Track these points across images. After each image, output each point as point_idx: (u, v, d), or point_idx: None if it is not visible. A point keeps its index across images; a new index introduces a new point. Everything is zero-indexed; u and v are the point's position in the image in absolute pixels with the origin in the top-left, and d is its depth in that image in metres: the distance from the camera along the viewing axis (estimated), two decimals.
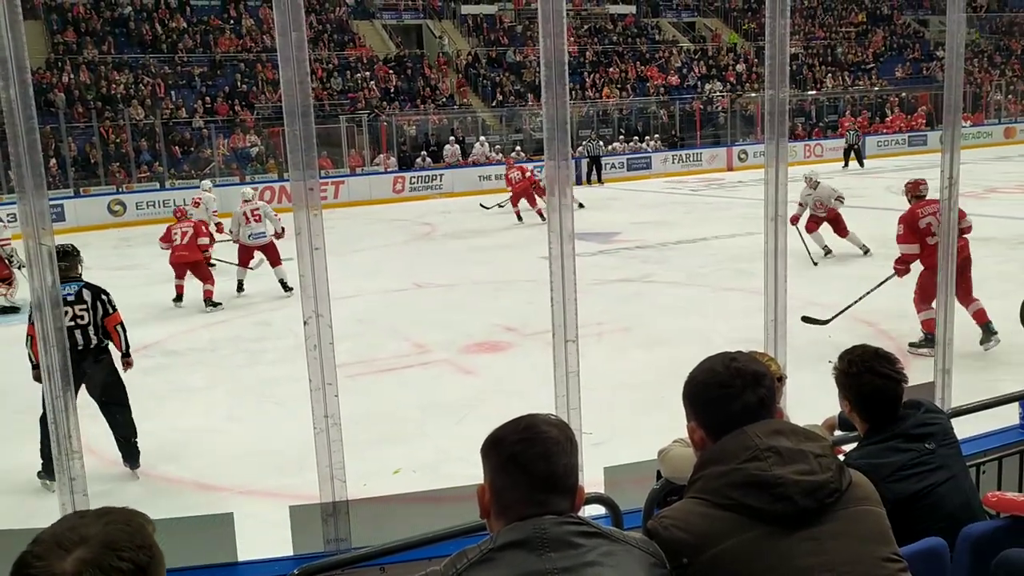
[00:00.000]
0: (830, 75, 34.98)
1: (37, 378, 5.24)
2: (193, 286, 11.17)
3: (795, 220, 11.56)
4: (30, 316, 5.39)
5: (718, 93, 32.26)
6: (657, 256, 13.18)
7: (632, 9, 35.48)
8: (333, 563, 2.43)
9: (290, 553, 2.96)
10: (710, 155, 28.69)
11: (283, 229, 11.84)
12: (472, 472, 1.65)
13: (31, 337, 5.42)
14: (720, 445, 1.66)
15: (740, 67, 33.98)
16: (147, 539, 1.22)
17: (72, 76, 24.67)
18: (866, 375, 2.31)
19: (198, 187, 16.86)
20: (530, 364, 7.48)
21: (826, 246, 12.10)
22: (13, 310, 11.07)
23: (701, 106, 31.09)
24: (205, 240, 11.63)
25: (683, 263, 12.51)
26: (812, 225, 12.15)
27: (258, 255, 11.81)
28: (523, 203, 17.67)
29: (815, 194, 12.05)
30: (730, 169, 28.05)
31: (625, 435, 5.60)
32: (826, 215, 12.11)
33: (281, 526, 3.17)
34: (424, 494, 3.27)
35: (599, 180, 25.42)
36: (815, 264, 11.68)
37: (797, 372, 3.66)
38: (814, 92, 33.61)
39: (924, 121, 32.08)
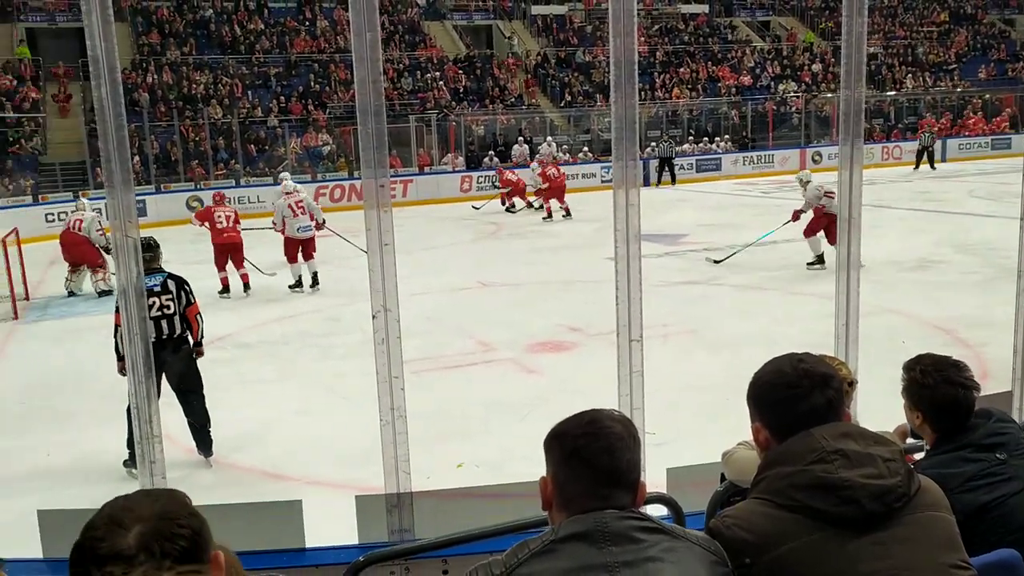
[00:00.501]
0: (910, 75, 33.99)
1: (122, 371, 5.42)
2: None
3: (796, 216, 11.96)
4: (117, 305, 5.63)
5: (792, 93, 31.65)
6: (725, 259, 13.00)
7: (705, 8, 35.06)
8: (397, 552, 2.48)
9: (355, 542, 3.03)
10: (782, 157, 28.16)
11: (324, 220, 12.14)
12: (535, 471, 1.67)
13: (119, 327, 5.61)
14: (785, 446, 1.64)
15: (816, 67, 33.26)
16: (193, 507, 1.29)
17: (155, 76, 25.49)
18: (942, 385, 2.25)
19: (276, 184, 17.27)
20: (594, 364, 7.46)
21: (821, 255, 11.63)
22: (108, 293, 11.50)
23: (774, 107, 30.54)
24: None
25: (752, 266, 12.31)
26: (811, 229, 11.79)
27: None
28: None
29: (805, 196, 11.89)
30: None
31: (689, 437, 5.56)
32: (824, 216, 11.44)
33: (346, 517, 3.24)
34: (487, 489, 3.31)
35: (672, 181, 25.21)
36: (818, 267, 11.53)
37: (869, 378, 3.59)
38: (893, 93, 32.71)
39: (1008, 124, 30.93)
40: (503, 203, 20.65)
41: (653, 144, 26.93)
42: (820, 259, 11.70)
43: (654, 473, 3.09)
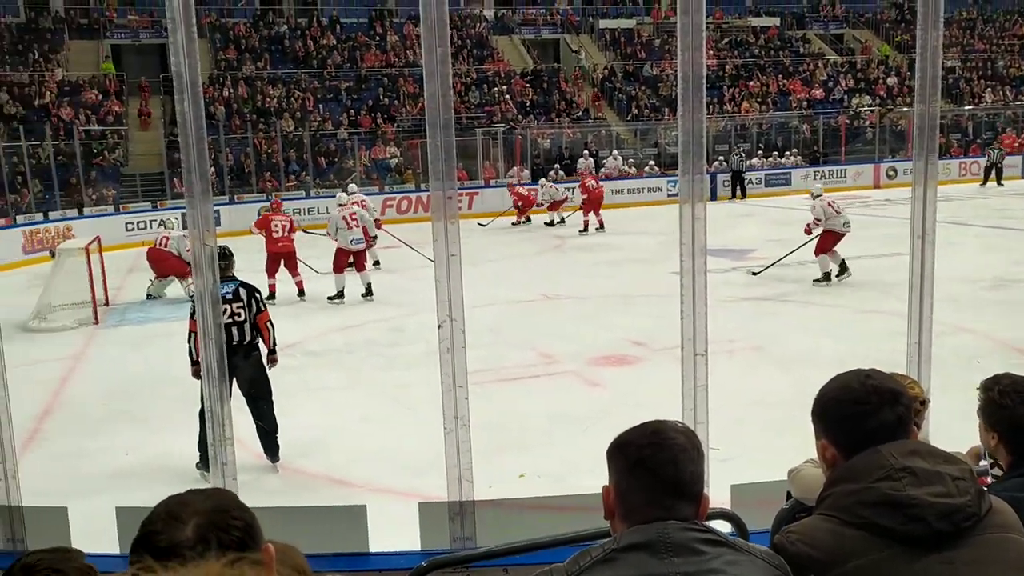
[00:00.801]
0: (989, 89, 32.96)
1: (196, 375, 5.57)
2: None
3: (808, 230, 12.20)
4: (192, 312, 5.83)
5: (866, 107, 30.97)
6: (794, 274, 12.77)
7: (776, 21, 34.60)
8: (461, 558, 2.51)
9: (418, 548, 3.07)
10: (855, 172, 27.54)
11: (375, 236, 12.39)
12: (597, 484, 1.67)
13: (194, 333, 5.79)
14: (852, 463, 1.62)
15: (891, 80, 32.50)
16: (242, 503, 1.35)
17: (232, 91, 26.27)
18: (1020, 407, 2.19)
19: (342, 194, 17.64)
20: (657, 378, 7.38)
21: (828, 273, 11.88)
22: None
23: (847, 121, 29.93)
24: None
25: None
26: (820, 248, 11.97)
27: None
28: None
29: (813, 211, 12.14)
30: (877, 187, 26.84)
31: (754, 454, 5.47)
32: (829, 233, 11.88)
33: (408, 524, 3.28)
34: (549, 500, 3.32)
35: (742, 195, 24.91)
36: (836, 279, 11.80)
37: (942, 398, 3.50)
38: (971, 107, 31.75)
39: None
40: (517, 220, 20.89)
41: (721, 158, 26.66)
42: (827, 277, 11.96)
43: (718, 490, 3.06)
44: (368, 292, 12.08)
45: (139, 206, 21.35)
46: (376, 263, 14.47)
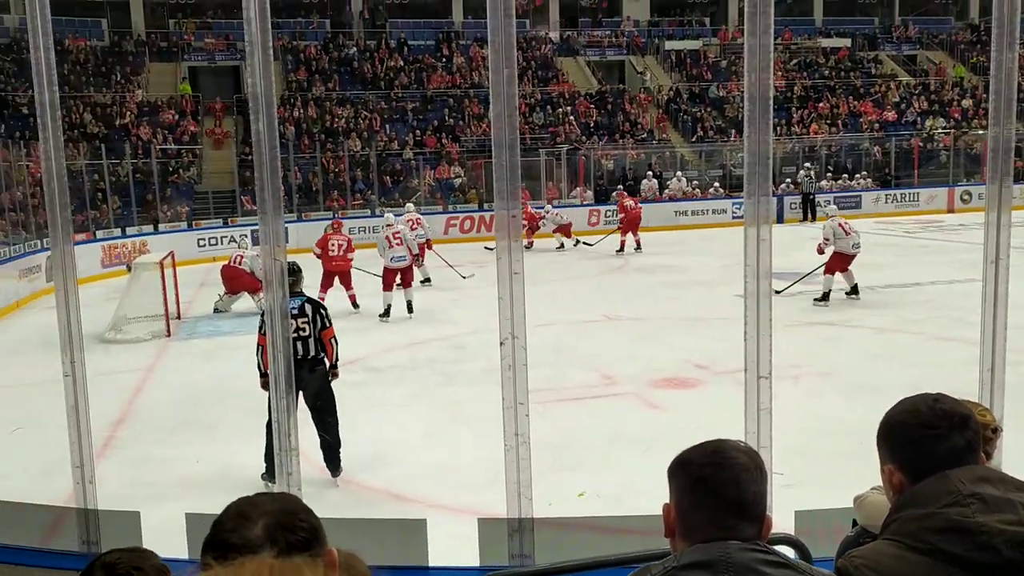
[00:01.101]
0: None
1: (265, 386, 5.73)
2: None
3: (820, 250, 12.61)
4: (261, 326, 5.98)
5: (940, 130, 30.21)
6: (863, 299, 12.49)
7: (847, 42, 34.06)
8: (520, 573, 2.52)
9: (476, 564, 3.08)
10: (928, 195, 26.85)
11: (417, 255, 12.62)
12: (656, 506, 1.67)
13: (262, 347, 5.94)
14: (919, 488, 1.59)
15: (966, 102, 31.67)
16: (308, 507, 1.39)
17: (301, 111, 26.92)
18: None
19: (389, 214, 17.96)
20: (719, 402, 7.31)
21: (827, 293, 12.23)
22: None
23: (920, 143, 29.23)
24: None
25: (892, 308, 11.79)
26: (829, 268, 12.27)
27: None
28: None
29: (823, 231, 12.63)
30: (951, 211, 26.12)
31: (818, 482, 5.36)
32: (838, 256, 12.29)
33: (467, 541, 3.30)
34: (609, 520, 3.31)
35: (812, 217, 24.50)
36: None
37: (1017, 428, 3.39)
38: None
39: None
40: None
41: (788, 180, 26.28)
42: (826, 296, 12.24)
43: (781, 515, 3.01)
44: (409, 309, 12.31)
45: (211, 223, 21.98)
46: (425, 281, 14.76)
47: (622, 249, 19.09)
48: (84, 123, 24.67)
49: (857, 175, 27.75)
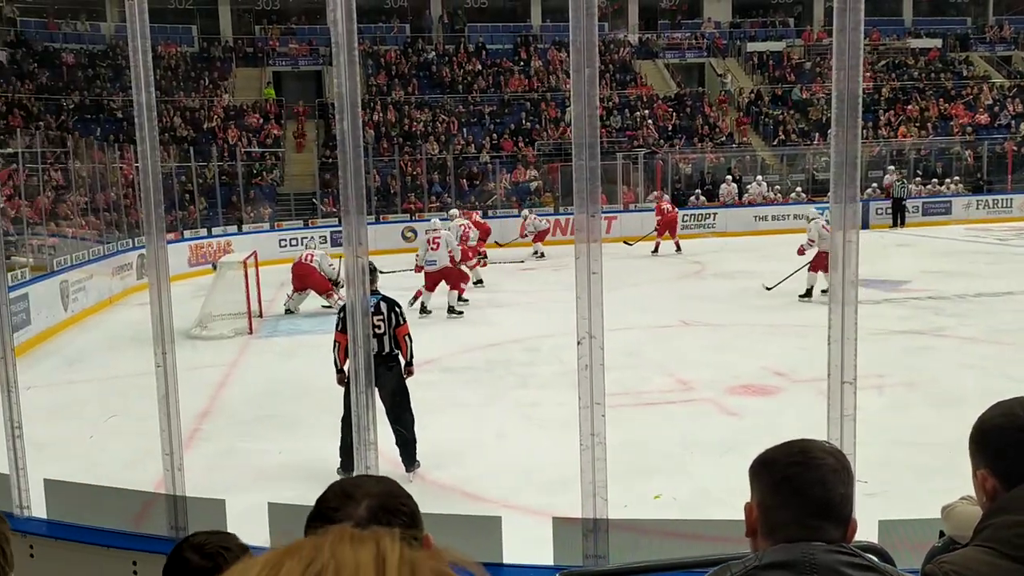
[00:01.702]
0: None
1: (341, 382, 5.98)
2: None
3: (801, 251, 13.36)
4: (337, 324, 6.14)
5: None
6: (952, 308, 12.06)
7: (937, 43, 32.93)
8: (594, 572, 2.51)
9: (551, 563, 3.08)
10: (1022, 201, 25.75)
11: (459, 259, 12.87)
12: (732, 514, 1.64)
13: (338, 343, 6.13)
14: (1015, 493, 1.53)
15: None
16: (409, 493, 1.41)
17: (381, 115, 27.39)
18: None
19: (485, 218, 18.21)
20: (799, 411, 7.16)
21: (810, 289, 12.84)
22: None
23: (1014, 147, 28.04)
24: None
25: (984, 318, 11.34)
26: (814, 266, 12.74)
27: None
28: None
29: (808, 232, 13.41)
30: None
31: (903, 494, 5.20)
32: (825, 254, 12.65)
33: (540, 541, 3.30)
34: (684, 525, 3.27)
35: (902, 223, 23.78)
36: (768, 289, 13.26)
37: None
38: None
39: None
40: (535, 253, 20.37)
41: (874, 185, 25.56)
42: (809, 293, 12.91)
43: (865, 525, 2.92)
44: (450, 311, 12.54)
45: (292, 224, 22.54)
46: (478, 282, 15.19)
47: (656, 251, 19.70)
48: (174, 127, 25.58)
49: (947, 180, 26.80)
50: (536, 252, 20.10)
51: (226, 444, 7.26)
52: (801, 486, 1.47)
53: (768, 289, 13.54)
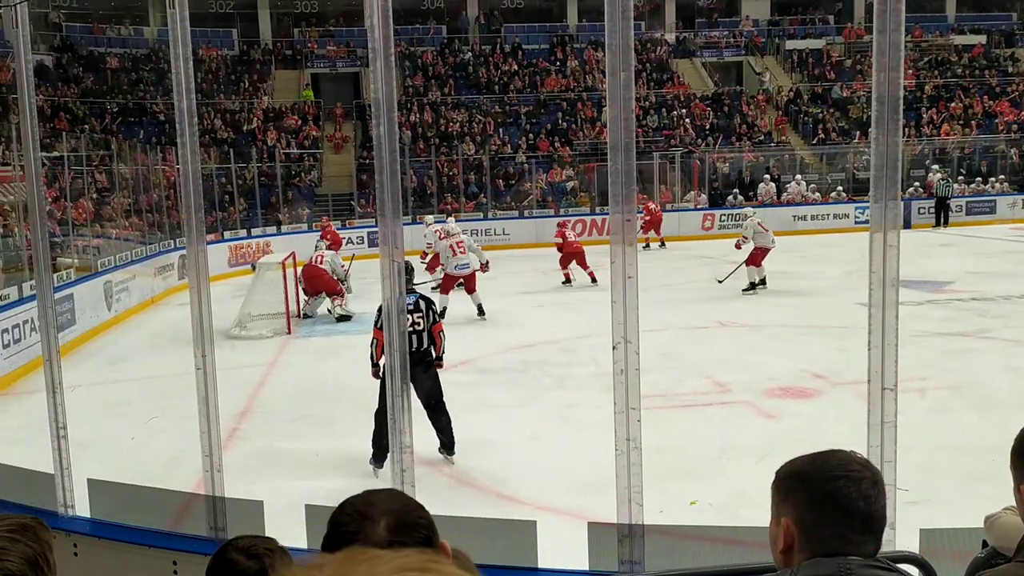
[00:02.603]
0: None
1: (375, 375, 6.22)
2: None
3: (738, 246, 14.40)
4: (376, 321, 6.29)
5: None
6: (998, 310, 11.81)
7: (982, 39, 32.26)
8: None
9: (586, 568, 3.07)
10: None
11: (487, 262, 12.86)
12: (768, 520, 1.61)
13: (376, 340, 6.33)
14: None
15: None
16: (419, 502, 1.41)
17: (417, 115, 27.53)
18: None
19: (522, 217, 18.20)
20: (838, 414, 7.07)
21: (753, 283, 13.87)
22: (347, 318, 12.73)
23: None
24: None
25: None
26: (751, 260, 13.92)
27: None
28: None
29: (743, 230, 14.42)
30: None
31: (945, 500, 5.10)
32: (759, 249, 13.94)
33: (575, 544, 3.29)
34: (722, 531, 3.24)
35: (946, 223, 23.36)
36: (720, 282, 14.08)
37: None
38: None
39: None
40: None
41: (916, 184, 25.12)
42: (753, 286, 13.88)
43: (905, 533, 2.89)
44: (480, 312, 12.57)
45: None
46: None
47: (647, 246, 20.63)
48: (215, 129, 25.95)
49: (991, 179, 26.26)
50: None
51: (264, 443, 7.34)
52: (845, 502, 1.43)
53: (720, 283, 14.28)
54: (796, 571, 1.43)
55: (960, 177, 26.29)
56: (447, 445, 6.54)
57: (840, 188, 25.53)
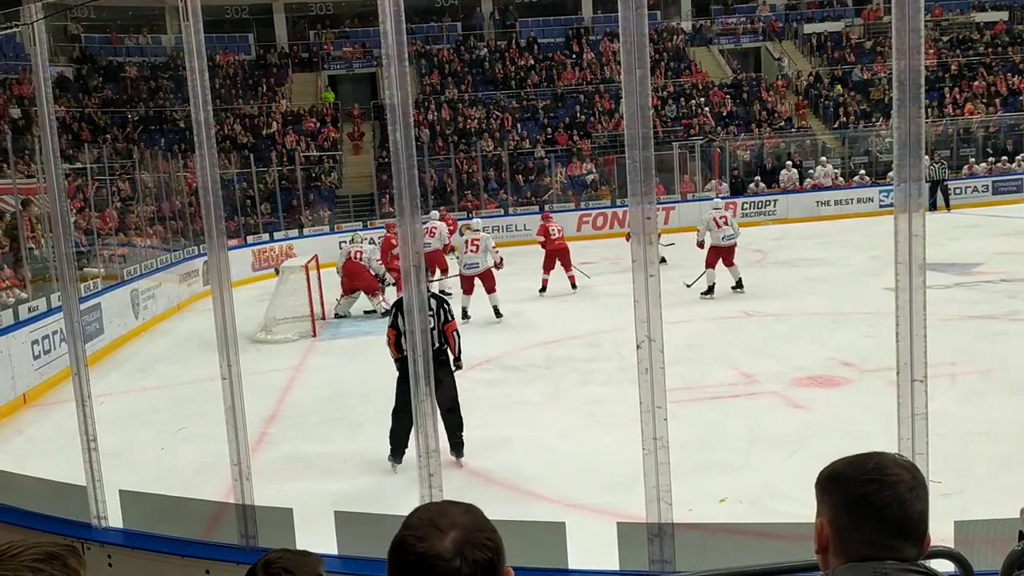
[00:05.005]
0: None
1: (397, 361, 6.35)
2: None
3: (700, 244, 13.25)
4: (391, 321, 6.37)
5: None
6: None
7: (1004, 16, 31.75)
8: None
9: (615, 567, 3.06)
10: None
11: (501, 260, 12.67)
12: (801, 511, 1.60)
13: (389, 337, 6.51)
14: None
15: None
16: (492, 524, 1.38)
17: (435, 113, 27.56)
18: None
19: (540, 212, 18.10)
20: (868, 402, 6.99)
21: (711, 287, 12.94)
22: (388, 312, 12.73)
23: None
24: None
25: None
26: (708, 262, 12.99)
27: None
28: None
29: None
30: None
31: (979, 489, 5.03)
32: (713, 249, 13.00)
33: (604, 543, 3.28)
34: (752, 527, 3.21)
35: (946, 206, 22.96)
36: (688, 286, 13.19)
37: None
38: None
39: None
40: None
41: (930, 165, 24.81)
42: (711, 290, 12.90)
43: (939, 526, 2.84)
44: (497, 314, 12.41)
45: (351, 225, 22.79)
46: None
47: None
48: (235, 134, 26.12)
49: (1018, 156, 25.85)
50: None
51: (292, 447, 7.38)
52: (878, 506, 1.41)
53: (688, 286, 13.28)
54: (832, 575, 1.41)
55: (990, 158, 25.89)
56: (457, 447, 6.54)
57: (863, 171, 25.25)
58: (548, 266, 14.18)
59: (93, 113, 25.95)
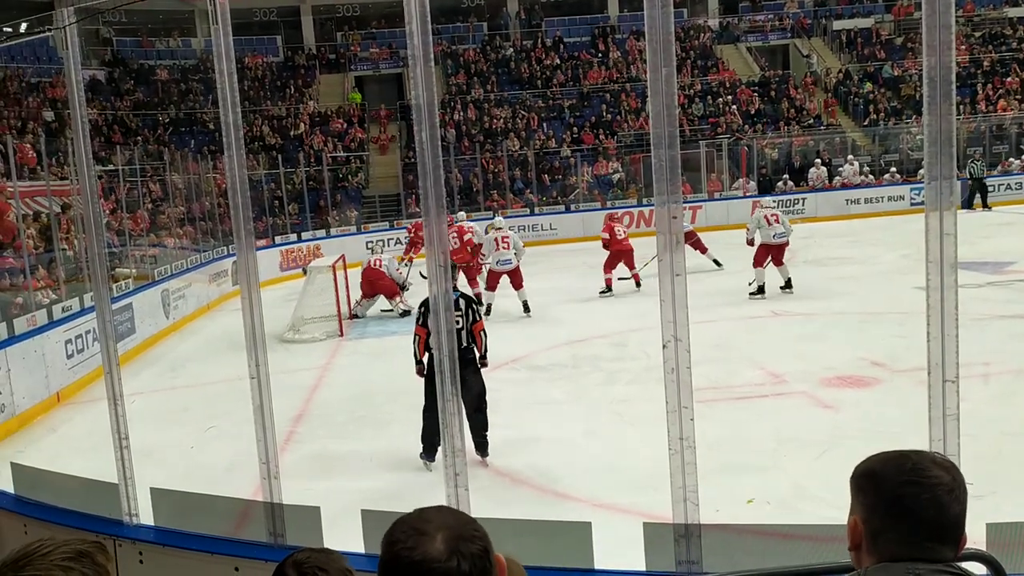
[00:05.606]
0: None
1: (420, 373, 6.41)
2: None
3: (750, 242, 12.99)
4: (418, 318, 6.41)
5: None
6: None
7: None
8: None
9: (642, 568, 3.05)
10: None
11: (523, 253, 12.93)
12: (830, 513, 1.58)
13: (419, 337, 6.48)
14: None
15: None
16: (471, 516, 1.41)
17: (461, 114, 27.61)
18: None
19: (567, 211, 18.02)
20: (899, 402, 6.91)
21: (761, 287, 12.64)
22: (408, 312, 12.91)
23: None
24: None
25: None
26: (756, 260, 12.75)
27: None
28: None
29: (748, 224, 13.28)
30: None
31: (1012, 490, 4.95)
32: (763, 247, 12.74)
33: (630, 543, 3.27)
34: (780, 528, 3.19)
35: (984, 205, 22.58)
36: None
37: None
38: None
39: None
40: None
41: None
42: (760, 290, 12.58)
43: (972, 528, 2.80)
44: (526, 309, 12.56)
45: (378, 226, 22.94)
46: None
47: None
48: (263, 135, 26.34)
49: None
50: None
51: (320, 446, 7.44)
52: (913, 508, 1.38)
53: (752, 296, 12.68)
54: (863, 575, 1.39)
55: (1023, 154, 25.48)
56: (483, 446, 6.56)
57: (894, 169, 24.94)
58: (611, 265, 14.01)
59: (125, 116, 26.29)
